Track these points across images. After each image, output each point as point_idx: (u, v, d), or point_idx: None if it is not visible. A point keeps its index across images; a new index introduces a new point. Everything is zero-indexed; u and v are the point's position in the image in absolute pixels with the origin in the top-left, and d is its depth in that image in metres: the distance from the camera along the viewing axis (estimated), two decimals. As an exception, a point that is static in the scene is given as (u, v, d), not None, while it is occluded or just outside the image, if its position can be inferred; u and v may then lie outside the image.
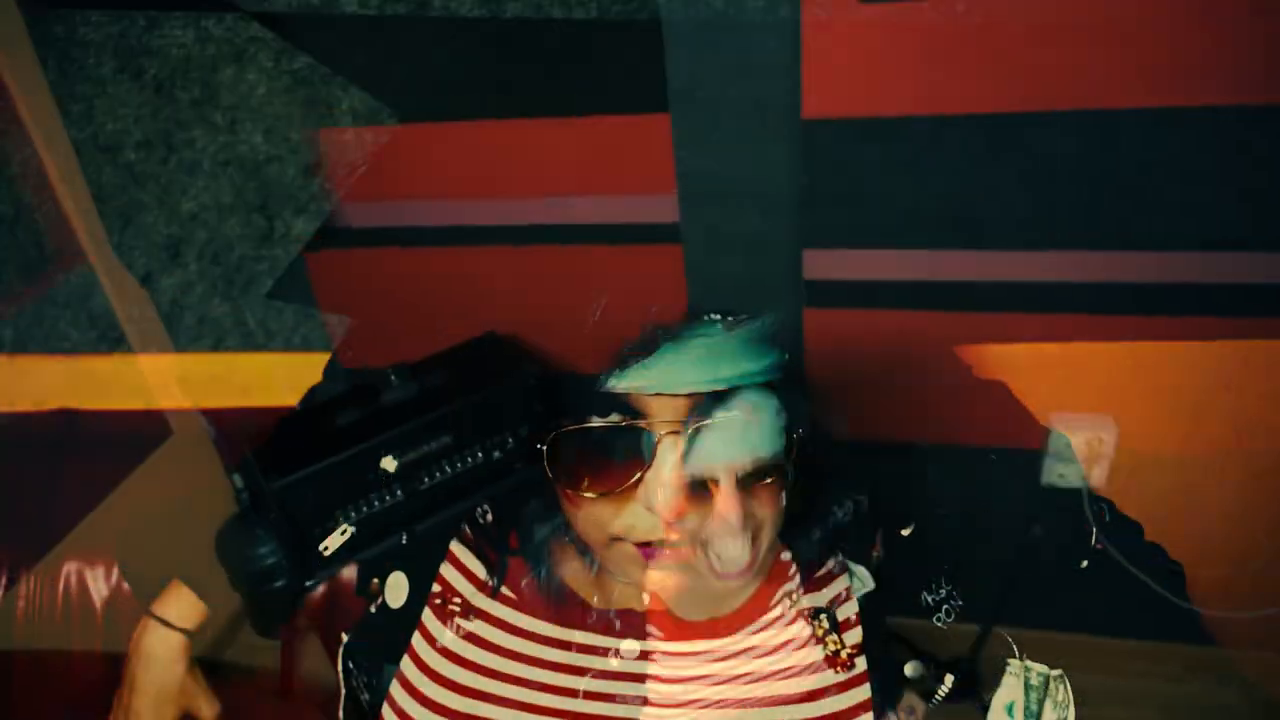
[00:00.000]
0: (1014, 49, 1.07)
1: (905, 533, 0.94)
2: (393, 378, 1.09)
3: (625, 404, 0.75)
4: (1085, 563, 1.24)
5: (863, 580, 0.90)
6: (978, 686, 0.94)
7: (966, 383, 1.29)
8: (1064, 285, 1.22)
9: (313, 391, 1.36)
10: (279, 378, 1.44)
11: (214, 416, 1.43)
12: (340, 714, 0.94)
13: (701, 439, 0.74)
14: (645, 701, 0.85)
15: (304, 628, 1.03)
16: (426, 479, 1.05)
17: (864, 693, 0.86)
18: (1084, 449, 1.30)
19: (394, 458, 0.99)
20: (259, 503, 0.97)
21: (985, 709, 0.88)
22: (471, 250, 1.39)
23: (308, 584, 0.96)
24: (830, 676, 0.86)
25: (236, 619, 1.05)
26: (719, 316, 0.81)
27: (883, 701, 0.87)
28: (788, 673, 0.86)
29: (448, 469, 1.06)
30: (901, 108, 1.13)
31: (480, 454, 1.07)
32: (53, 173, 1.32)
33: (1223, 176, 1.10)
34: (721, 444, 0.74)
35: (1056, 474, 1.34)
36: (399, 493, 1.03)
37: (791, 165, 1.19)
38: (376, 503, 1.03)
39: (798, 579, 0.91)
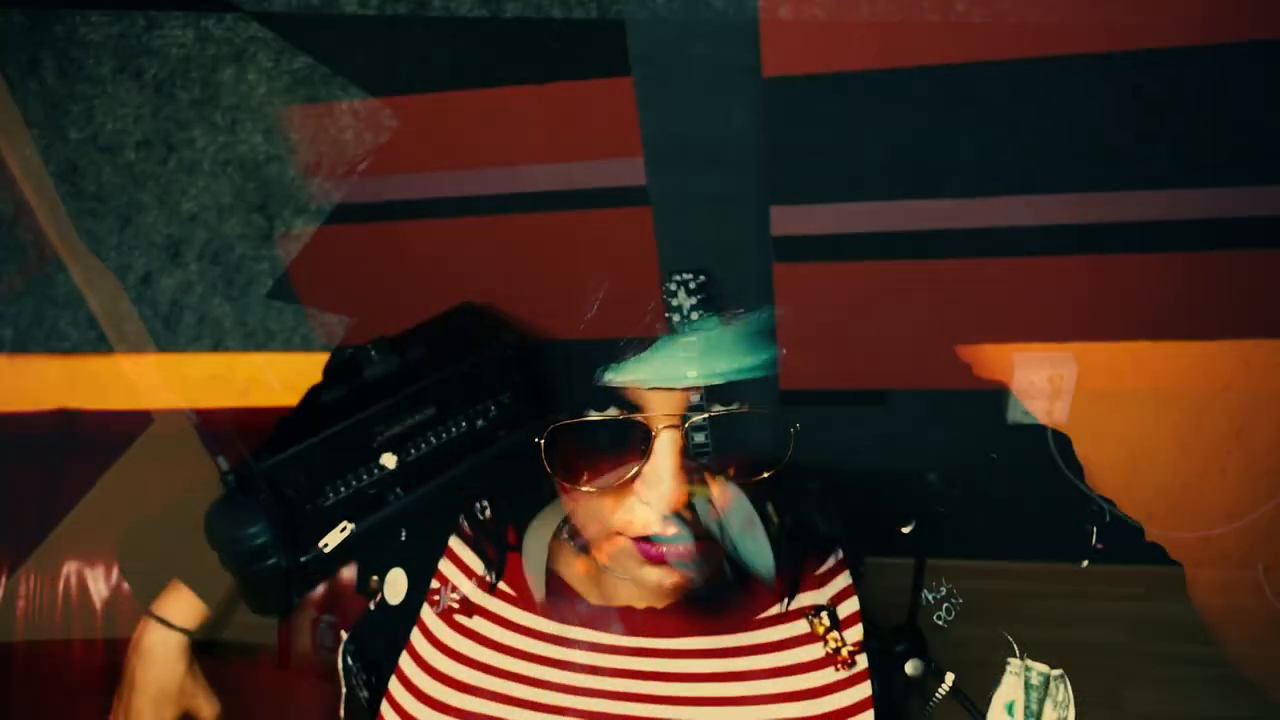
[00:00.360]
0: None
1: (906, 530, 0.94)
2: (373, 353, 1.09)
3: (622, 398, 0.75)
4: (1086, 562, 1.24)
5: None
6: (925, 643, 0.95)
7: (933, 329, 1.32)
8: (1021, 229, 1.24)
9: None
10: (279, 378, 1.44)
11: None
12: (341, 712, 0.94)
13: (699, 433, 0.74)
14: (644, 699, 0.85)
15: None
16: (413, 450, 1.06)
17: (865, 690, 0.86)
18: (1046, 385, 1.32)
19: (393, 454, 0.99)
20: (246, 483, 0.97)
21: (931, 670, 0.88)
22: (441, 222, 1.40)
23: (302, 561, 0.96)
24: (831, 674, 0.86)
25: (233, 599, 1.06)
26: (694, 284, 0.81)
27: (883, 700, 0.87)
28: (788, 670, 0.86)
29: (433, 439, 1.06)
30: (860, 62, 1.15)
31: (465, 423, 1.07)
32: (52, 173, 1.33)
33: (1167, 118, 1.13)
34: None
35: (1021, 412, 1.36)
36: (386, 466, 1.04)
37: (755, 124, 1.20)
38: (365, 476, 1.03)
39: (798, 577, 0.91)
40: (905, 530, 0.95)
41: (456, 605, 0.90)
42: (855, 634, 0.88)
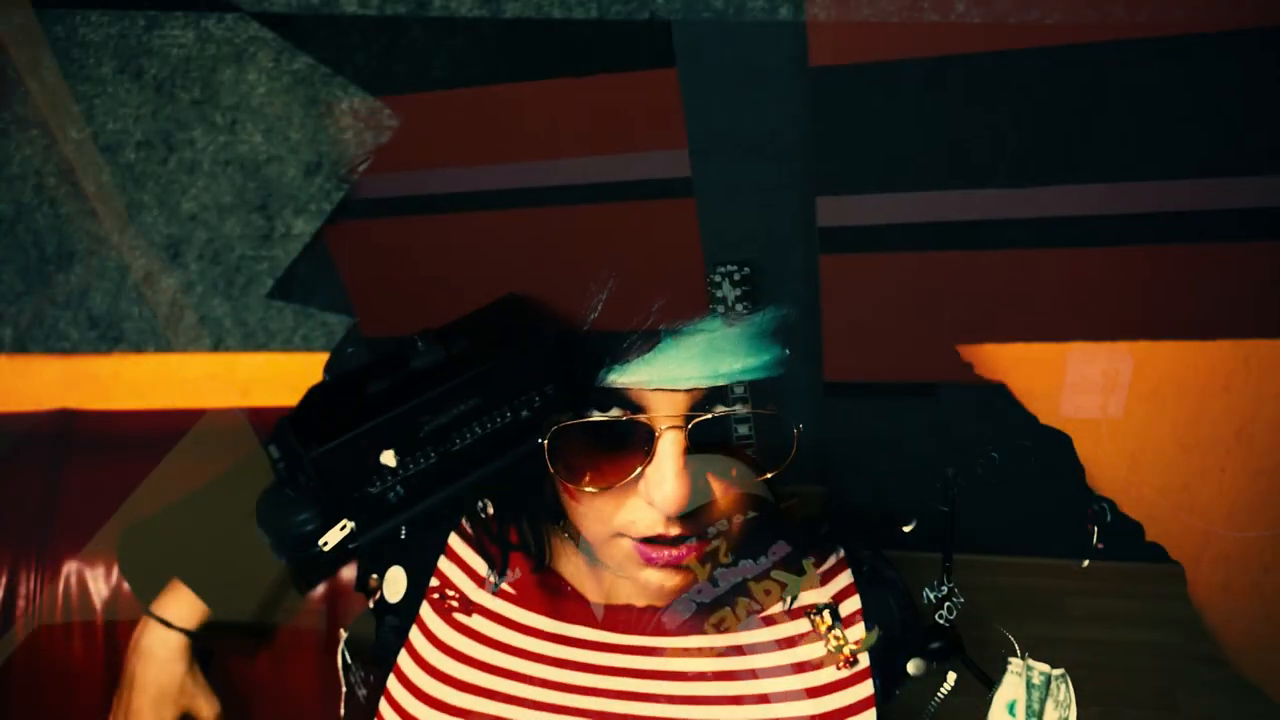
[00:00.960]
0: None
1: (907, 529, 0.94)
2: (419, 344, 1.10)
3: (626, 398, 0.75)
4: (1086, 562, 1.24)
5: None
6: (962, 643, 0.95)
7: (977, 320, 1.30)
8: (1069, 220, 1.22)
9: (337, 363, 1.36)
10: (279, 378, 1.44)
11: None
12: (341, 711, 0.94)
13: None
14: (645, 697, 0.85)
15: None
16: (459, 440, 1.07)
17: (866, 689, 0.86)
18: (1100, 379, 1.31)
19: (393, 453, 0.99)
20: (295, 471, 0.98)
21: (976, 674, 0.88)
22: (487, 215, 1.39)
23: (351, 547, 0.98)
24: (832, 673, 0.86)
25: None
26: (729, 280, 0.81)
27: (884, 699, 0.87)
28: (789, 669, 0.86)
29: (478, 429, 1.07)
30: (903, 51, 1.14)
31: (510, 413, 1.08)
32: (53, 172, 1.33)
33: (1218, 104, 1.10)
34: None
35: (1075, 406, 1.34)
36: (432, 455, 1.05)
37: (801, 113, 1.19)
38: (411, 466, 1.04)
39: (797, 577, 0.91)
40: (906, 530, 0.95)
41: (457, 605, 0.90)
42: (857, 632, 0.88)
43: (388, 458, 0.95)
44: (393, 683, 0.88)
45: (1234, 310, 1.24)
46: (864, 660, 0.86)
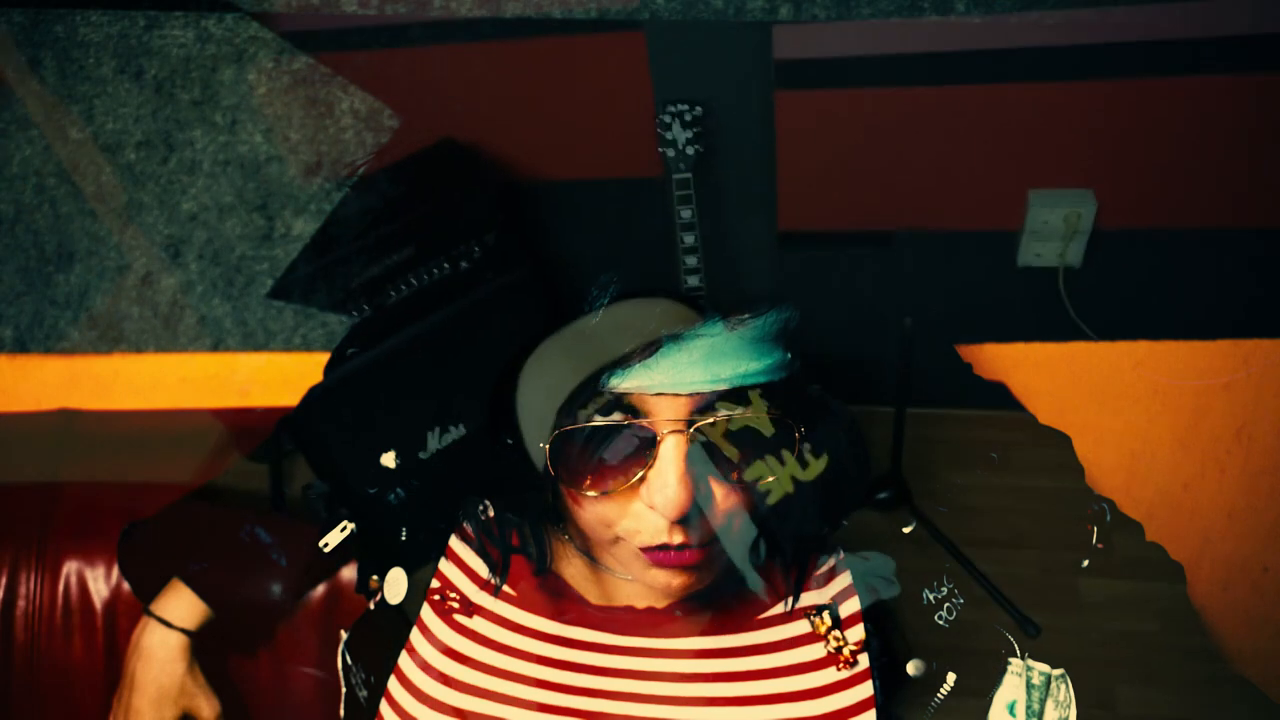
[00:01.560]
0: None
1: (907, 530, 0.94)
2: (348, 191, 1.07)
3: (628, 403, 0.75)
4: (1086, 562, 1.24)
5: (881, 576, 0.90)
6: (909, 494, 0.93)
7: (943, 164, 1.25)
8: (1044, 50, 1.17)
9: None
10: (279, 378, 1.44)
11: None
12: (340, 711, 0.94)
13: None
14: (646, 699, 0.85)
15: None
16: (393, 293, 1.03)
17: (866, 690, 0.86)
18: (1061, 224, 1.27)
19: (393, 453, 0.99)
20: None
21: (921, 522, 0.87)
22: (420, 50, 1.29)
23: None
24: (832, 674, 0.86)
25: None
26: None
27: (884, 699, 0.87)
28: (789, 670, 0.86)
29: (413, 281, 1.03)
30: None
31: (447, 265, 1.04)
32: (53, 172, 1.33)
33: None
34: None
35: (1033, 253, 1.31)
36: (365, 308, 1.01)
37: None
38: (353, 314, 1.01)
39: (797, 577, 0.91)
40: (906, 530, 0.95)
41: (458, 607, 0.90)
42: (857, 633, 0.88)
43: (387, 459, 0.95)
44: (393, 684, 0.88)
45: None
46: (863, 661, 0.86)
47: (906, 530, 0.94)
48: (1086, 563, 1.25)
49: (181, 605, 1.05)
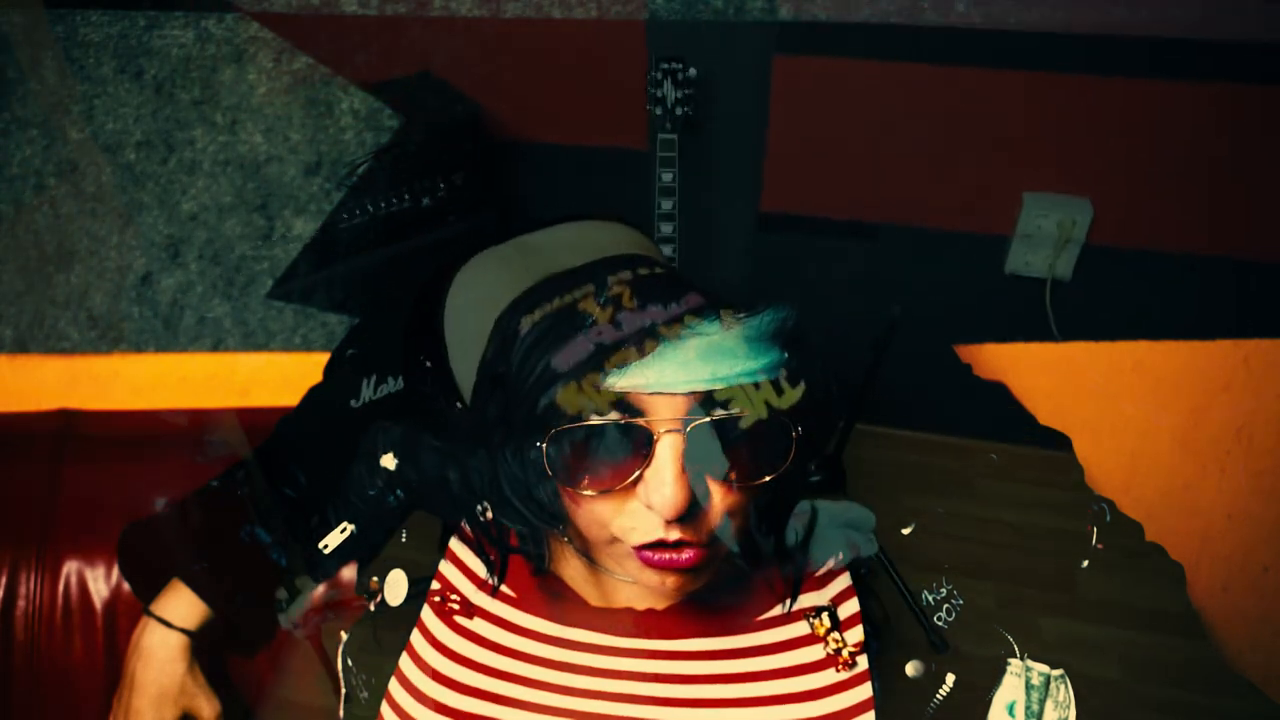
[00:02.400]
0: None
1: (906, 532, 0.94)
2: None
3: (624, 402, 0.74)
4: (1086, 562, 1.24)
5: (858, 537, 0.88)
6: (843, 479, 0.90)
7: (939, 153, 1.20)
8: (1052, 36, 1.13)
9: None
10: (279, 378, 1.44)
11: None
12: (340, 712, 0.94)
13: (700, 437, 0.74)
14: (645, 700, 0.85)
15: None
16: (345, 216, 0.99)
17: (865, 691, 0.86)
18: (1055, 231, 1.23)
19: (393, 454, 0.99)
20: None
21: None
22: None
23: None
24: (831, 675, 0.86)
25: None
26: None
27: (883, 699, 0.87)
28: (789, 672, 0.86)
29: (369, 208, 0.99)
30: None
31: (408, 198, 1.00)
32: (52, 172, 1.33)
33: None
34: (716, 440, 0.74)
35: (1023, 260, 1.26)
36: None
37: None
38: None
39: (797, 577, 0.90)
40: (905, 531, 0.95)
41: (457, 607, 0.90)
42: (856, 635, 0.88)
43: (387, 460, 0.95)
44: (394, 685, 0.88)
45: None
46: (863, 663, 0.86)
47: (906, 531, 0.94)
48: (1086, 563, 1.25)
49: (181, 605, 1.05)
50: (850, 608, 0.90)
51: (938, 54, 1.16)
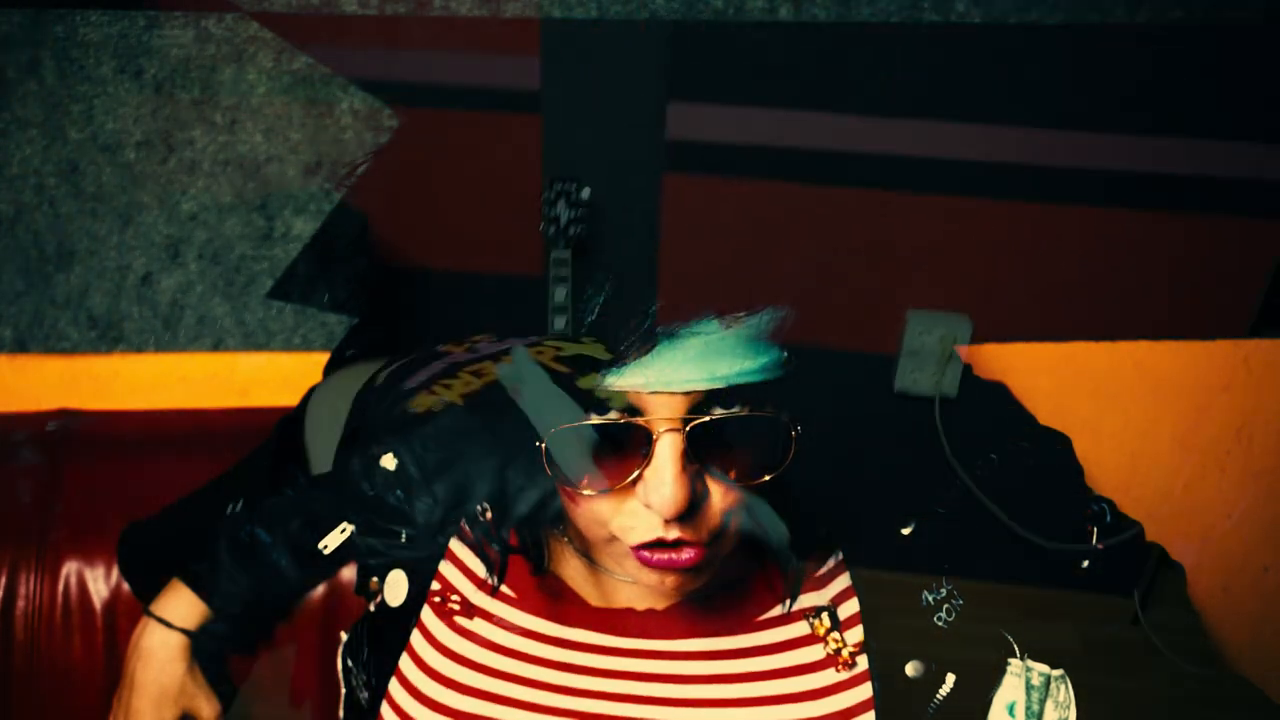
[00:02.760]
0: None
1: (906, 532, 0.94)
2: None
3: (623, 401, 0.75)
4: (1085, 562, 1.24)
5: None
6: None
7: (827, 272, 1.21)
8: (927, 161, 1.16)
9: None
10: (279, 378, 1.44)
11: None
12: (340, 713, 0.94)
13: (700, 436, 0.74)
14: (645, 700, 0.85)
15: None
16: None
17: (865, 691, 0.86)
18: (938, 348, 1.22)
19: (393, 455, 0.99)
20: None
21: None
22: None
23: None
24: (831, 675, 0.86)
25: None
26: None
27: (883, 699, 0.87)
28: (788, 672, 0.86)
29: None
30: None
31: None
32: (52, 172, 1.33)
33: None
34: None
35: (910, 379, 1.25)
36: None
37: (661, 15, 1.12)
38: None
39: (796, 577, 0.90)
40: (905, 532, 0.94)
41: (458, 609, 0.90)
42: (856, 635, 0.88)
43: (387, 460, 0.95)
44: (394, 685, 0.88)
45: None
46: (862, 663, 0.86)
47: (905, 532, 0.94)
48: (1085, 563, 1.24)
49: (181, 605, 1.05)
50: (850, 608, 0.90)
51: (821, 174, 1.18)
